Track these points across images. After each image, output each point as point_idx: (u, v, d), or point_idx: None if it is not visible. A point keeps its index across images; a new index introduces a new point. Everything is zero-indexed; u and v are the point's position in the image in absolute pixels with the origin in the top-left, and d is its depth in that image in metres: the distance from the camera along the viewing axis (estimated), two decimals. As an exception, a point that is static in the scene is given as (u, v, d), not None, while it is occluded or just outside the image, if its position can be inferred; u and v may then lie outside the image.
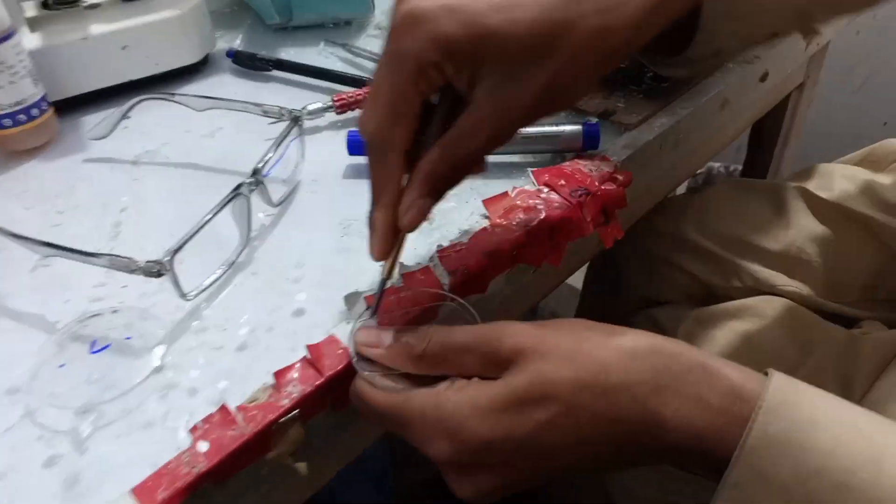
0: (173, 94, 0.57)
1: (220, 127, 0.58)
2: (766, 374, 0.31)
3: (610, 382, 0.31)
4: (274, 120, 0.55)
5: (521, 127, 0.36)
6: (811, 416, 0.29)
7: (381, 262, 0.38)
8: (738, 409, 0.30)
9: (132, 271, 0.40)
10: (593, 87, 0.36)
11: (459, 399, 0.32)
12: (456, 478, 0.33)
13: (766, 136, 0.88)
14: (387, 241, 0.37)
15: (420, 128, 0.36)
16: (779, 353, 0.53)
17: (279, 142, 0.48)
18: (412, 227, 0.36)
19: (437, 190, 0.36)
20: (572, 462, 0.32)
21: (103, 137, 0.57)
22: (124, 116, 0.58)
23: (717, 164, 1.39)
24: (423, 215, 0.36)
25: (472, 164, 0.36)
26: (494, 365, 0.33)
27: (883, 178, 0.59)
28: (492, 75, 0.34)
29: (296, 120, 0.51)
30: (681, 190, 1.33)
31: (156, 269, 0.39)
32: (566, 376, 0.31)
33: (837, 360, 0.51)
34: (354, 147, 0.52)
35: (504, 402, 0.31)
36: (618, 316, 0.69)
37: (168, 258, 0.39)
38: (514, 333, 0.33)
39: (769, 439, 0.28)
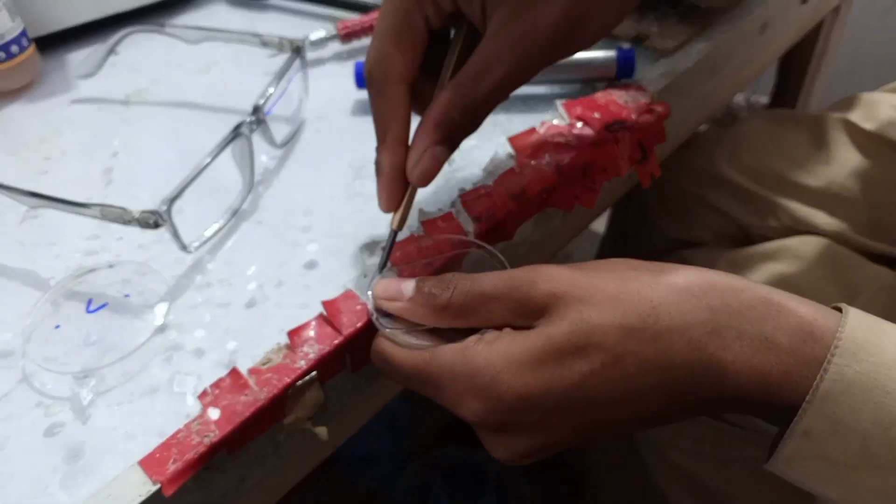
0: (163, 25, 0.52)
1: (216, 61, 0.54)
2: (839, 309, 0.28)
3: (661, 326, 0.27)
4: (273, 52, 0.50)
5: (543, 64, 0.32)
6: (895, 357, 0.25)
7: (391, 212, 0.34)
8: (811, 349, 0.26)
9: (126, 222, 0.36)
10: (614, 23, 0.32)
11: (491, 353, 0.28)
12: (491, 438, 0.30)
13: (796, 63, 0.83)
14: (395, 187, 0.33)
15: (431, 67, 0.33)
16: (821, 298, 0.49)
17: (280, 75, 0.43)
18: (424, 181, 0.32)
19: (450, 138, 0.32)
20: (619, 417, 0.29)
21: (90, 76, 0.53)
22: (112, 52, 0.53)
23: (738, 97, 1.33)
24: (435, 166, 0.32)
25: (488, 108, 0.32)
26: (527, 313, 0.29)
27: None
28: (505, 5, 0.30)
29: (297, 51, 0.46)
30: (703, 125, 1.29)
31: (152, 220, 0.36)
32: (611, 321, 0.27)
33: (887, 305, 0.48)
34: (363, 79, 0.48)
35: (541, 353, 0.28)
36: (645, 259, 0.66)
37: (165, 207, 0.36)
38: (549, 277, 0.29)
39: (847, 382, 0.25)
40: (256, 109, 0.41)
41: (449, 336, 0.31)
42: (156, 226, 0.36)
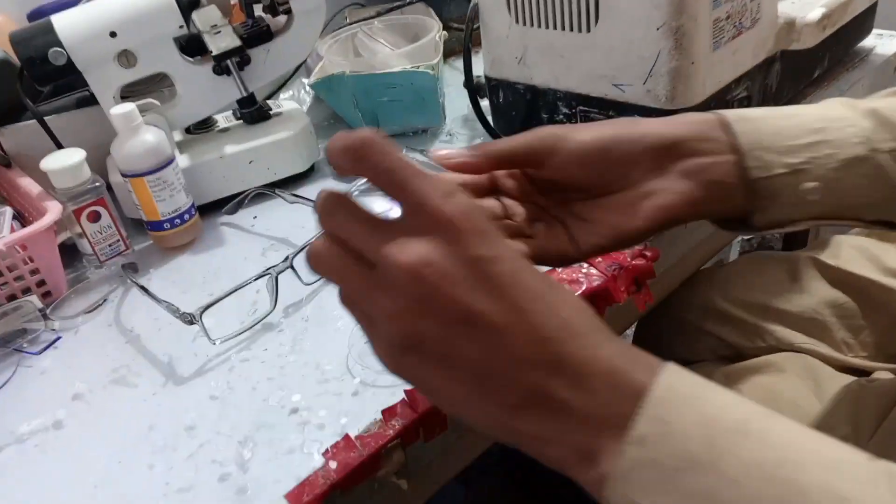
0: (274, 189, 0.73)
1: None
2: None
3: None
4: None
5: None
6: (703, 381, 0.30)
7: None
8: (628, 380, 0.30)
9: (179, 318, 0.56)
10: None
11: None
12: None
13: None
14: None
15: None
16: (797, 402, 0.62)
17: (318, 235, 0.62)
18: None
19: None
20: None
21: (231, 214, 0.76)
22: (245, 202, 0.75)
23: (770, 229, 1.46)
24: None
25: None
26: None
27: (887, 246, 0.68)
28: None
29: None
30: (734, 253, 1.42)
31: (188, 318, 0.55)
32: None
33: (848, 405, 0.59)
34: None
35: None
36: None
37: (199, 312, 0.55)
38: None
39: (675, 391, 0.29)
40: (287, 259, 0.60)
41: None
42: (191, 323, 0.55)
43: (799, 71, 0.73)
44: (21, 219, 0.70)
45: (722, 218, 0.45)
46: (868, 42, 0.86)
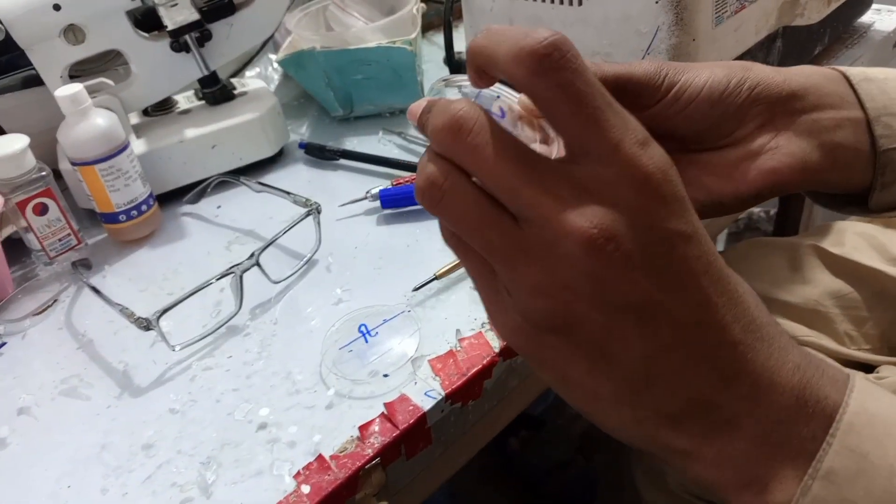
0: (238, 177, 0.67)
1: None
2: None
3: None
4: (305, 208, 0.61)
5: None
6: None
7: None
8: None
9: (131, 322, 0.51)
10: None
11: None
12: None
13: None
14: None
15: None
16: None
17: (287, 229, 0.57)
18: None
19: None
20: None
21: (194, 203, 0.70)
22: (208, 190, 0.70)
23: (757, 210, 1.44)
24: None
25: None
26: None
27: (893, 234, 0.65)
28: None
29: (314, 211, 0.59)
30: (721, 235, 1.39)
31: (144, 324, 0.50)
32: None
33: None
34: (387, 203, 0.63)
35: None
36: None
37: (155, 317, 0.50)
38: None
39: (869, 415, 0.24)
40: (252, 255, 0.55)
41: None
42: (147, 329, 0.50)
43: (800, 48, 0.69)
44: (-40, 211, 0.64)
45: (835, 192, 0.39)
46: (867, 18, 0.82)
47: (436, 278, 0.54)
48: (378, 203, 0.64)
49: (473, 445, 0.54)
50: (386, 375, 0.48)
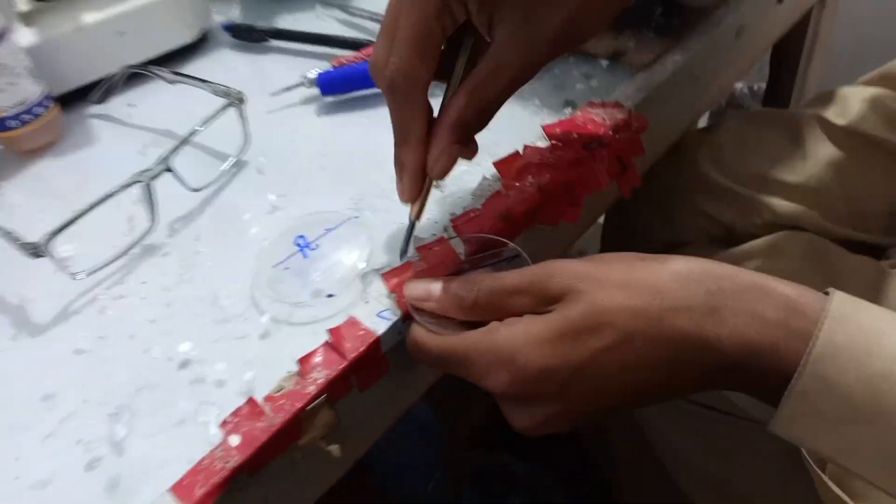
0: (148, 67, 0.57)
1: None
2: (825, 293, 0.31)
3: (665, 306, 0.31)
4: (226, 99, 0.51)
5: (544, 64, 0.36)
6: (876, 325, 0.29)
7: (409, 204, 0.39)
8: (796, 322, 0.30)
9: (16, 247, 0.42)
10: (605, 25, 0.36)
11: (512, 332, 0.32)
12: (513, 408, 0.34)
13: (787, 56, 0.84)
14: (416, 181, 0.38)
15: (439, 73, 0.36)
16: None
17: (202, 126, 0.48)
18: (443, 175, 0.37)
19: (465, 136, 0.37)
20: (629, 391, 0.32)
21: (102, 103, 0.60)
22: (118, 87, 0.59)
23: (739, 85, 1.34)
24: (452, 162, 0.37)
25: (497, 107, 0.36)
26: (546, 303, 0.33)
27: (901, 99, 0.56)
28: (513, 14, 0.34)
29: (236, 101, 0.49)
30: (703, 119, 1.30)
31: (32, 250, 0.41)
32: (621, 303, 0.31)
33: (867, 292, 0.50)
34: (328, 89, 0.54)
35: (559, 331, 0.31)
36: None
37: (45, 240, 0.41)
38: (564, 270, 0.33)
39: (836, 346, 0.29)
40: (163, 159, 0.45)
41: (476, 325, 0.35)
42: (37, 255, 0.41)
43: None
44: None
45: None
46: None
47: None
48: (316, 89, 0.54)
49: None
50: (330, 296, 0.40)
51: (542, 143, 0.46)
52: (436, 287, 0.36)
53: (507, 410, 0.34)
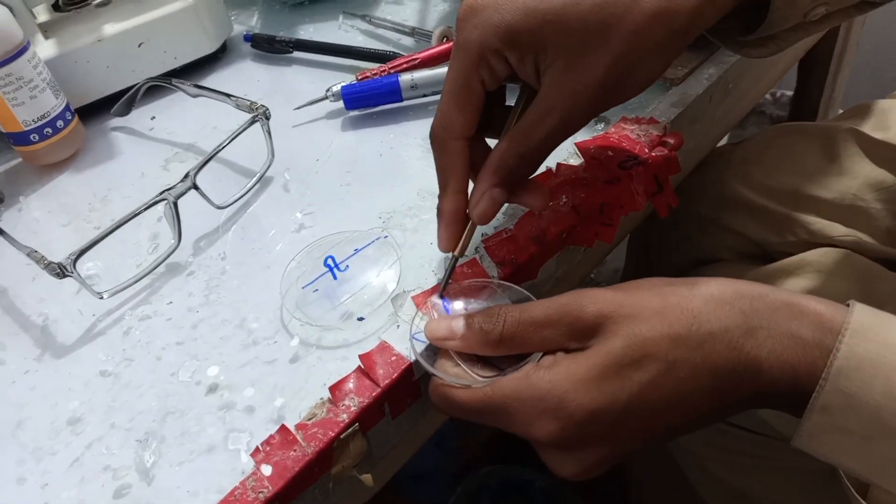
0: (171, 79, 0.56)
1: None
2: (847, 305, 0.31)
3: (704, 332, 0.30)
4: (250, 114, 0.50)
5: (592, 114, 0.36)
6: None
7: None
8: (828, 340, 0.29)
9: (42, 267, 0.41)
10: (661, 71, 0.35)
11: (554, 375, 0.31)
12: (560, 456, 0.33)
13: (815, 64, 0.82)
14: (454, 229, 0.37)
15: (490, 125, 0.37)
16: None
17: (227, 142, 0.47)
18: (484, 219, 0.36)
19: (507, 180, 0.36)
20: (675, 421, 0.32)
21: (124, 115, 0.59)
22: (138, 98, 0.58)
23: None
24: (494, 206, 0.36)
25: (541, 155, 0.36)
26: (580, 335, 0.32)
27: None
28: (556, 61, 0.33)
29: (261, 116, 0.48)
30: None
31: (57, 271, 0.40)
32: (661, 332, 0.30)
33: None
34: (351, 104, 0.53)
35: (602, 369, 0.30)
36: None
37: (71, 261, 0.40)
38: (595, 300, 0.32)
39: (858, 359, 0.28)
40: (187, 176, 0.45)
41: (498, 362, 0.34)
42: (61, 276, 0.40)
43: None
44: None
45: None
46: None
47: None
48: (341, 103, 0.53)
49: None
50: (361, 319, 0.39)
51: (575, 161, 0.45)
52: (458, 325, 0.34)
53: (552, 458, 0.33)
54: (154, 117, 0.59)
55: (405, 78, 0.52)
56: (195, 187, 0.44)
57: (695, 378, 0.30)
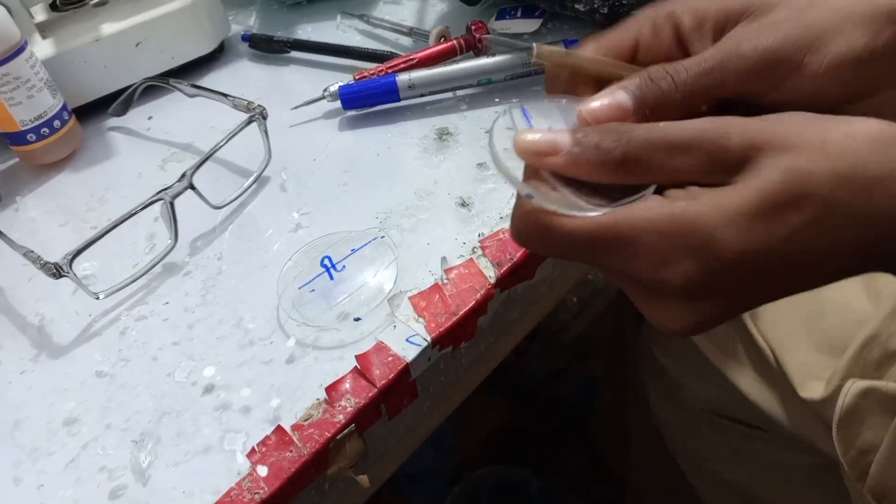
0: (168, 79, 0.56)
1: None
2: None
3: (869, 175, 0.25)
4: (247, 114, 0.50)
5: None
6: None
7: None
8: None
9: (38, 267, 0.41)
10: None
11: (702, 208, 0.25)
12: (680, 307, 0.27)
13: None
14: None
15: None
16: (850, 304, 0.50)
17: (224, 142, 0.47)
18: (590, 112, 0.28)
19: (642, 101, 0.29)
20: (818, 274, 0.27)
21: (121, 115, 0.59)
22: (135, 98, 0.58)
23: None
24: (609, 109, 0.28)
25: (697, 98, 0.29)
26: (720, 168, 0.26)
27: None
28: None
29: (257, 116, 0.48)
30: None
31: (53, 271, 0.40)
32: (824, 168, 0.25)
33: None
34: (349, 103, 0.53)
35: (757, 206, 0.25)
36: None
37: (67, 261, 0.40)
38: (744, 127, 0.26)
39: None
40: (183, 176, 0.45)
41: (606, 193, 0.28)
42: (58, 276, 0.40)
43: None
44: None
45: None
46: None
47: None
48: (338, 103, 0.53)
49: (466, 389, 0.46)
50: (358, 319, 0.39)
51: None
52: (564, 138, 0.27)
53: (666, 308, 0.27)
54: (151, 117, 0.59)
55: (403, 78, 0.52)
56: (192, 187, 0.44)
57: (852, 227, 0.26)
